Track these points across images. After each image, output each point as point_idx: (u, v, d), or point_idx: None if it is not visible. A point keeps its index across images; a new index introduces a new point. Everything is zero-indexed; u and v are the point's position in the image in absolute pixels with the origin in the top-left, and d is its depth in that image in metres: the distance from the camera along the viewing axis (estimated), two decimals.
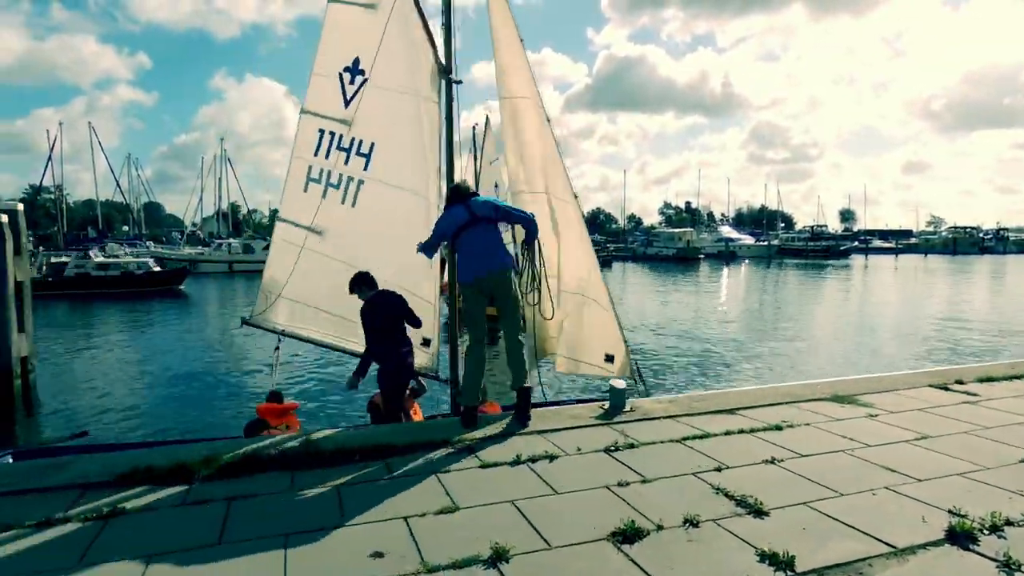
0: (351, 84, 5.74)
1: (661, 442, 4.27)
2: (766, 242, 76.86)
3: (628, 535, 2.88)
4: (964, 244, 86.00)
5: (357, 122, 5.77)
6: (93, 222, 70.55)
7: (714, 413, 4.95)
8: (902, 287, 37.75)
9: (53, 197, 65.39)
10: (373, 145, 5.77)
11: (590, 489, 3.47)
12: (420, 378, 6.07)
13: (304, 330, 6.17)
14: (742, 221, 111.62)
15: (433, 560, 2.68)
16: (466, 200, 4.78)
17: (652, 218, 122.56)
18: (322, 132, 5.90)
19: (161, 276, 35.09)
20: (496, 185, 23.74)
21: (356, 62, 5.73)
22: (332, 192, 5.90)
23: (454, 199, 4.88)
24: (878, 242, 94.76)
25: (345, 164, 5.86)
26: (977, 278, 44.27)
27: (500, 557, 2.69)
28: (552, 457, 3.97)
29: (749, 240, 79.76)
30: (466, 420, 4.62)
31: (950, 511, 3.11)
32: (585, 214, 6.08)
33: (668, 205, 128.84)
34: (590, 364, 5.86)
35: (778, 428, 4.55)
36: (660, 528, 2.97)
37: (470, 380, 4.77)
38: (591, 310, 5.75)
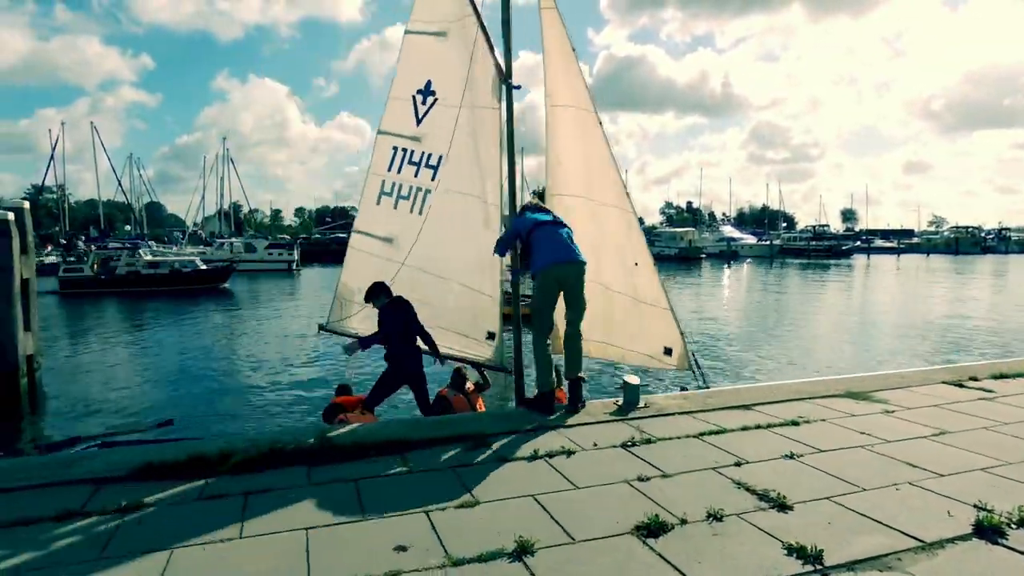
0: (423, 104, 6.25)
1: (678, 438, 4.24)
2: (768, 242, 76.71)
3: (652, 529, 2.86)
4: (966, 244, 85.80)
5: (427, 137, 6.24)
6: (95, 222, 70.59)
7: (729, 409, 4.93)
8: (906, 286, 37.68)
9: (55, 197, 65.48)
10: (441, 157, 6.18)
11: (610, 484, 3.45)
12: (484, 372, 6.39)
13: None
14: (744, 221, 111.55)
15: (457, 553, 2.66)
16: (536, 210, 5.28)
17: (653, 218, 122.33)
18: (395, 149, 6.40)
19: (208, 274, 35.50)
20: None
21: (428, 84, 6.24)
22: (402, 203, 6.36)
23: (528, 208, 5.33)
24: (880, 242, 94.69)
25: (415, 176, 6.31)
26: (981, 277, 44.18)
27: (525, 550, 2.67)
28: (569, 452, 3.95)
29: (751, 240, 79.64)
30: (545, 406, 4.81)
31: (975, 505, 3.08)
32: None
33: (669, 205, 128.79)
34: (638, 353, 6.00)
35: (795, 424, 4.52)
36: (684, 522, 2.94)
37: (546, 366, 4.96)
38: (643, 307, 5.89)
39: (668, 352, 5.87)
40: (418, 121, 6.28)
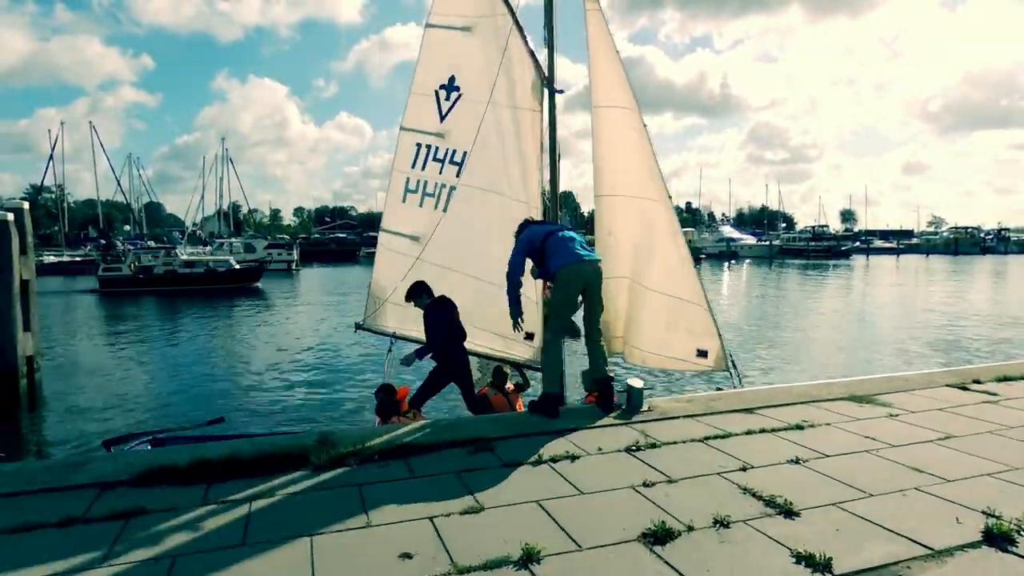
0: (447, 100, 6.15)
1: (683, 442, 4.22)
2: (767, 242, 76.78)
3: (659, 536, 2.84)
4: (966, 244, 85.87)
5: (451, 134, 6.15)
6: (94, 221, 70.53)
7: (733, 412, 4.91)
8: (905, 287, 37.69)
9: (54, 197, 65.36)
10: (465, 154, 6.10)
11: (615, 489, 3.43)
12: (524, 371, 6.43)
13: (417, 332, 6.39)
14: (743, 221, 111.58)
15: (463, 561, 2.64)
16: (542, 223, 5.38)
17: None
18: (419, 146, 6.31)
19: (242, 273, 36.39)
20: None
21: (452, 79, 6.14)
22: (428, 200, 6.30)
23: (532, 223, 5.34)
24: (879, 242, 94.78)
25: (439, 173, 6.24)
26: (981, 278, 44.20)
27: (531, 558, 2.65)
28: (574, 457, 3.93)
29: (751, 240, 79.71)
30: (550, 409, 4.77)
31: (984, 512, 3.06)
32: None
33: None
34: (675, 359, 5.98)
35: (799, 428, 4.51)
36: (691, 529, 2.92)
37: (555, 369, 4.99)
38: (680, 306, 5.87)
39: (703, 354, 5.83)
40: (442, 117, 6.20)
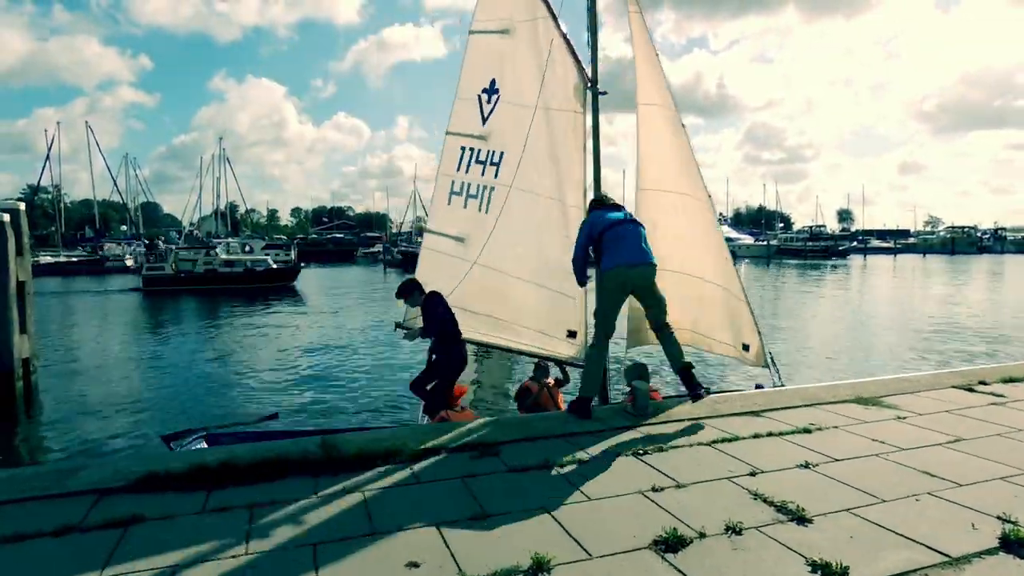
0: (488, 104, 6.31)
1: (690, 445, 4.17)
2: (765, 242, 76.80)
3: (671, 544, 2.78)
4: (962, 244, 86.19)
5: (492, 136, 6.30)
6: (91, 221, 70.26)
7: (739, 415, 4.86)
8: (903, 286, 37.72)
9: (51, 197, 65.09)
10: (503, 155, 6.25)
11: (624, 495, 3.37)
12: (565, 368, 6.53)
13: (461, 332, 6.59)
14: (740, 221, 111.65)
15: (471, 570, 2.58)
16: (610, 207, 5.19)
17: None
18: (463, 149, 6.46)
19: (279, 273, 37.25)
20: None
21: (492, 83, 6.29)
22: (471, 202, 6.44)
23: (598, 206, 5.28)
24: (876, 242, 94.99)
25: (482, 175, 6.39)
26: (978, 277, 44.27)
27: (541, 567, 2.59)
28: (580, 461, 3.87)
29: (748, 240, 79.72)
30: (582, 411, 4.80)
31: (999, 517, 3.01)
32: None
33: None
34: (724, 343, 6.16)
35: (807, 431, 4.45)
36: (703, 536, 2.87)
37: (594, 373, 5.01)
38: (723, 298, 6.05)
39: (746, 348, 6.02)
40: (484, 120, 6.34)
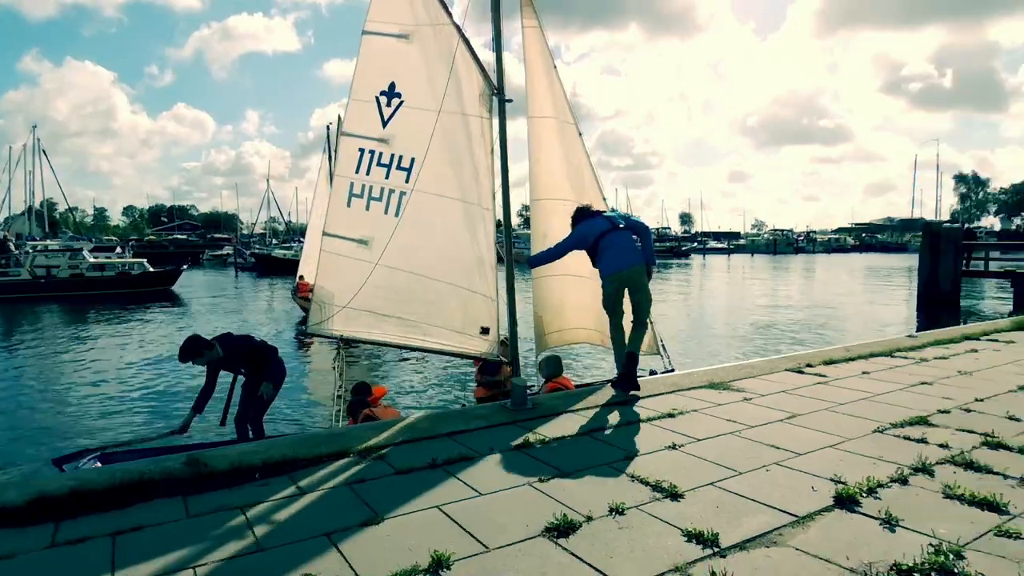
0: (388, 107, 6.31)
1: (570, 436, 4.37)
2: None
3: (562, 529, 2.91)
4: (782, 245, 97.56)
5: (395, 140, 6.32)
6: None
7: (610, 405, 5.17)
8: (737, 283, 41.93)
9: None
10: (413, 160, 6.28)
11: (513, 487, 3.47)
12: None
13: (364, 333, 6.57)
14: None
15: (370, 575, 2.54)
16: (598, 215, 5.83)
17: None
18: (362, 151, 6.39)
19: (156, 276, 34.12)
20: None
21: (392, 86, 6.30)
22: (375, 204, 6.40)
23: (586, 216, 5.84)
24: (713, 243, 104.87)
25: (386, 178, 6.36)
26: (795, 274, 50.34)
27: (441, 564, 2.60)
28: (467, 459, 3.92)
29: None
30: (625, 384, 5.50)
31: (832, 479, 3.49)
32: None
33: (527, 208, 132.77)
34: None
35: (671, 415, 4.85)
36: (590, 519, 3.03)
37: (617, 352, 5.76)
38: None
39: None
40: (384, 123, 6.36)
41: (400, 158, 6.33)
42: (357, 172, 6.44)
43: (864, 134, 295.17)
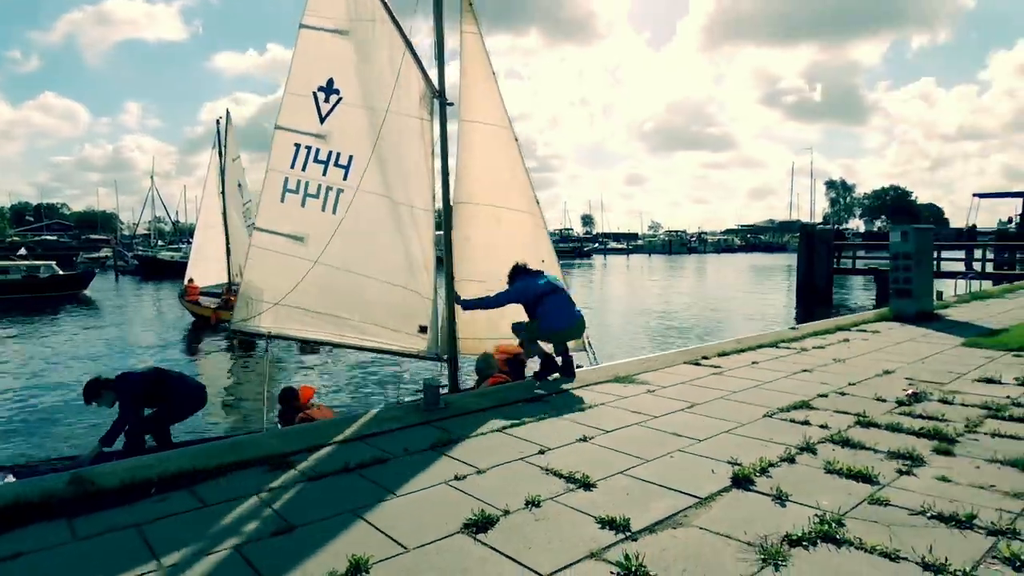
0: (326, 103, 6.15)
1: (483, 433, 4.41)
2: None
3: (480, 525, 2.95)
4: (677, 245, 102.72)
5: (333, 136, 6.15)
6: None
7: (523, 402, 5.26)
8: (636, 282, 43.73)
9: None
10: (351, 157, 6.13)
11: (429, 487, 3.46)
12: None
13: (295, 331, 6.39)
14: None
15: None
16: (538, 274, 6.13)
17: None
18: (298, 146, 6.20)
19: (66, 280, 32.00)
20: (240, 184, 21.96)
21: (330, 82, 6.13)
22: (311, 201, 6.22)
23: (525, 273, 6.09)
24: (613, 244, 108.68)
25: (323, 175, 6.19)
26: (689, 273, 53.21)
27: (360, 568, 2.56)
28: (381, 461, 3.87)
29: None
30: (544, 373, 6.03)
31: (729, 462, 3.74)
32: None
33: None
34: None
35: (580, 409, 5.00)
36: (507, 513, 3.09)
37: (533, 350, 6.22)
38: None
39: None
40: (321, 119, 6.20)
41: (338, 155, 6.21)
42: (292, 167, 6.26)
43: (747, 142, 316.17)
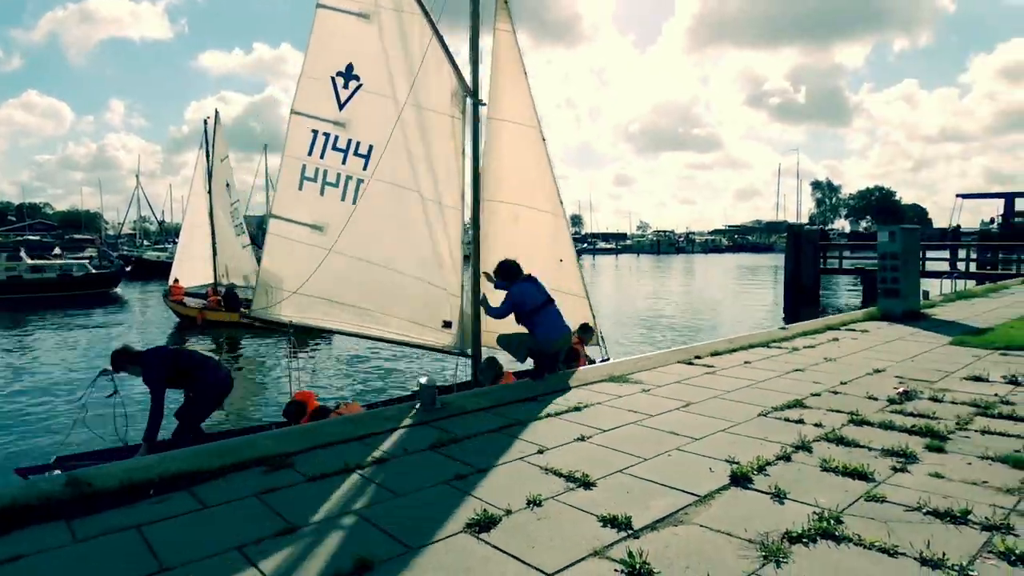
0: (344, 88, 6.00)
1: (482, 433, 4.42)
2: None
3: (483, 524, 2.96)
4: (665, 245, 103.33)
5: (352, 124, 6.02)
6: None
7: (520, 402, 5.28)
8: (626, 281, 43.90)
9: None
10: (371, 147, 6.01)
11: (430, 487, 3.47)
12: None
13: (317, 320, 6.29)
14: None
15: None
16: (529, 280, 6.12)
17: None
18: (315, 133, 6.07)
19: (99, 278, 32.72)
20: (228, 184, 21.83)
21: (350, 68, 5.98)
22: (330, 190, 6.10)
23: (518, 275, 6.08)
24: (602, 244, 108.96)
25: (342, 164, 6.07)
26: (677, 273, 53.49)
27: (365, 568, 2.56)
28: (381, 461, 3.87)
29: None
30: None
31: (727, 460, 3.78)
32: None
33: None
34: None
35: (577, 409, 5.02)
36: (510, 512, 3.10)
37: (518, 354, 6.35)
38: (561, 296, 6.65)
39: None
40: (340, 105, 6.05)
41: (357, 144, 6.10)
42: (310, 154, 6.16)
43: (732, 143, 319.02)
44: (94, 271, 33.61)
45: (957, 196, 43.63)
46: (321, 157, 6.14)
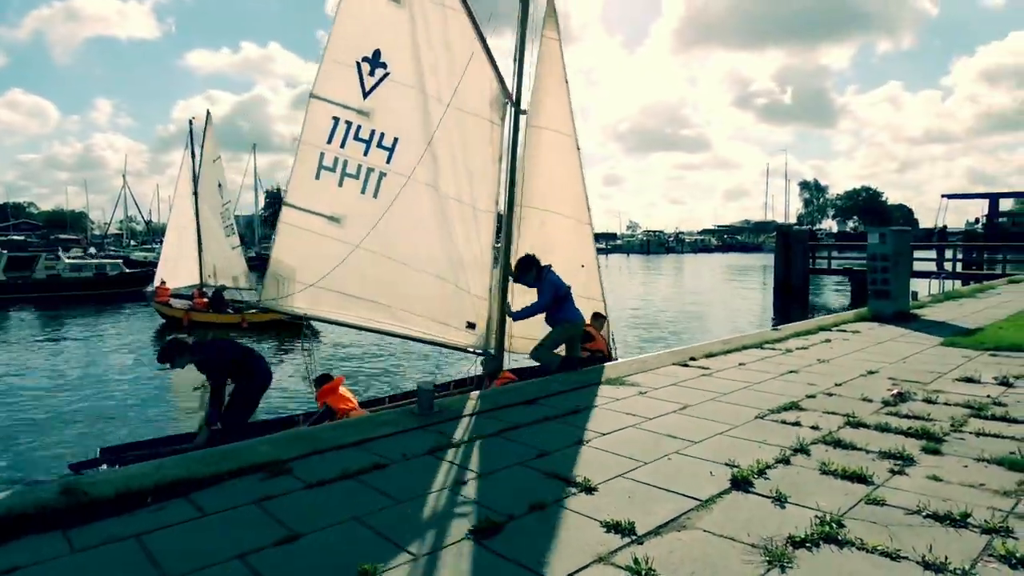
0: (370, 76, 5.75)
1: (481, 438, 4.41)
2: None
3: (486, 530, 2.95)
4: (655, 245, 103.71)
5: (376, 114, 5.79)
6: None
7: (518, 405, 5.27)
8: (618, 282, 43.98)
9: None
10: (396, 140, 5.81)
11: (430, 493, 3.45)
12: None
13: (332, 314, 6.13)
14: None
15: None
16: (550, 269, 6.36)
17: None
18: (336, 120, 5.82)
19: (135, 278, 33.00)
20: (219, 184, 21.67)
21: (377, 54, 5.72)
22: (350, 182, 5.89)
23: (539, 265, 6.26)
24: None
25: (364, 155, 5.85)
26: (668, 272, 53.70)
27: None
28: (380, 467, 3.85)
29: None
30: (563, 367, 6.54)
31: (727, 464, 3.79)
32: None
33: None
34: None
35: (575, 412, 5.02)
36: (512, 518, 3.09)
37: (550, 361, 6.59)
38: (582, 301, 6.89)
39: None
40: (364, 94, 5.79)
41: (382, 135, 5.86)
42: (329, 143, 5.89)
43: (720, 143, 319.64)
44: (127, 271, 34.31)
45: (943, 196, 44.06)
46: (342, 146, 5.86)
